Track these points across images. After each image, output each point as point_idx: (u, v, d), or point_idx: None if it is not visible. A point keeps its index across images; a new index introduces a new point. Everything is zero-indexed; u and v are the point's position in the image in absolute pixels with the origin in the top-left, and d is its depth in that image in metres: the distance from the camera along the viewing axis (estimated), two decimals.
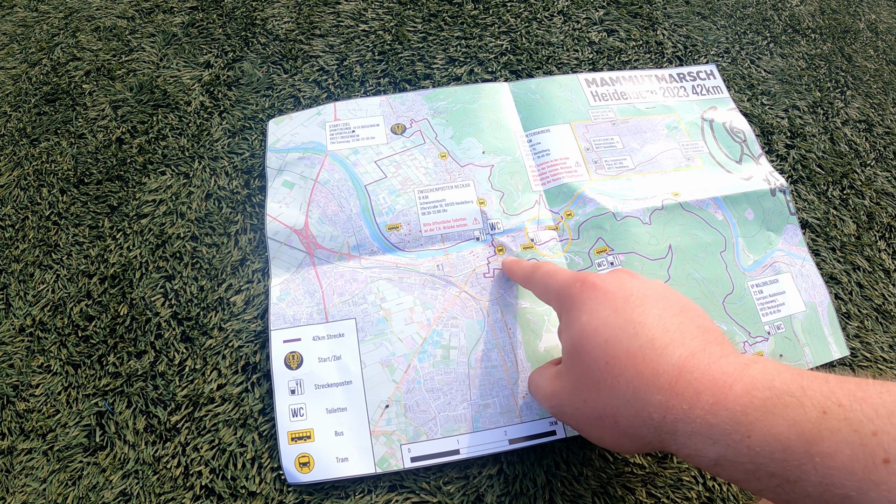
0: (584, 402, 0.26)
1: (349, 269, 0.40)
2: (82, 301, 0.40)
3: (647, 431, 0.24)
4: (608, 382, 0.25)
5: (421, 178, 0.43)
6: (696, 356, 0.24)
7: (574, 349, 0.27)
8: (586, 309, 0.27)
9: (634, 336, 0.25)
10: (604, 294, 0.27)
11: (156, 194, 0.44)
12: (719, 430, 0.22)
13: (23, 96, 0.50)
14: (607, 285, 0.27)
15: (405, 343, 0.38)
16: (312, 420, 0.36)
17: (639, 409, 0.24)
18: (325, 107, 0.47)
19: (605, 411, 0.25)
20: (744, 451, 0.21)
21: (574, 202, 0.43)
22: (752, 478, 0.21)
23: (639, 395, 0.24)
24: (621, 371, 0.24)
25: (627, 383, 0.24)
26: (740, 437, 0.21)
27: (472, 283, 0.40)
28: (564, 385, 0.28)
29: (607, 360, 0.25)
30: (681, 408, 0.23)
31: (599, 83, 0.49)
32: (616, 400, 0.25)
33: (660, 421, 0.23)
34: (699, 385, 0.23)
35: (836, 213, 0.46)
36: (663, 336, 0.25)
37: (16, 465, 0.35)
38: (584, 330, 0.26)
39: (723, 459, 0.22)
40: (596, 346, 0.25)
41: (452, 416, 0.36)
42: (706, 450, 0.22)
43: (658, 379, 0.24)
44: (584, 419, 0.27)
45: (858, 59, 0.55)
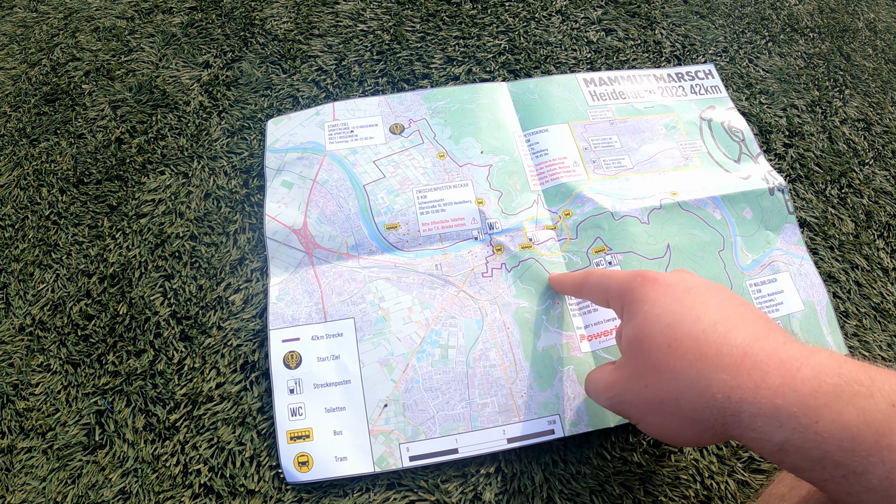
0: (645, 387, 0.26)
1: (348, 269, 0.40)
2: (82, 300, 0.40)
3: (710, 414, 0.24)
4: (671, 365, 0.25)
5: (419, 178, 0.44)
6: (761, 340, 0.24)
7: (636, 337, 0.27)
8: (648, 300, 0.27)
9: (696, 321, 0.25)
10: (665, 286, 0.27)
11: (155, 194, 0.44)
12: (786, 412, 0.21)
13: (22, 96, 0.50)
14: (668, 279, 0.28)
15: (404, 342, 0.38)
16: (311, 419, 0.36)
17: (702, 390, 0.24)
18: (324, 107, 0.47)
19: (668, 395, 0.25)
20: (811, 437, 0.21)
21: (572, 202, 0.43)
22: (818, 466, 0.21)
23: (702, 375, 0.24)
24: (684, 353, 0.24)
25: (691, 365, 0.24)
26: (808, 421, 0.21)
27: (470, 283, 0.40)
28: (624, 374, 0.28)
29: (670, 343, 0.25)
30: (746, 387, 0.22)
31: (598, 83, 0.49)
32: (679, 382, 0.24)
33: (724, 401, 0.23)
34: (765, 366, 0.23)
35: (834, 212, 0.46)
36: (726, 321, 0.25)
37: (15, 463, 0.35)
38: (645, 318, 0.26)
39: (788, 444, 0.21)
40: (658, 331, 0.26)
41: (451, 416, 0.36)
42: (772, 433, 0.22)
43: (722, 359, 0.23)
44: (645, 405, 0.26)
45: (857, 57, 0.55)
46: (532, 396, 0.36)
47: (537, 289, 0.40)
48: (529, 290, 0.40)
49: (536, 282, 0.40)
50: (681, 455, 0.36)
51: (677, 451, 0.36)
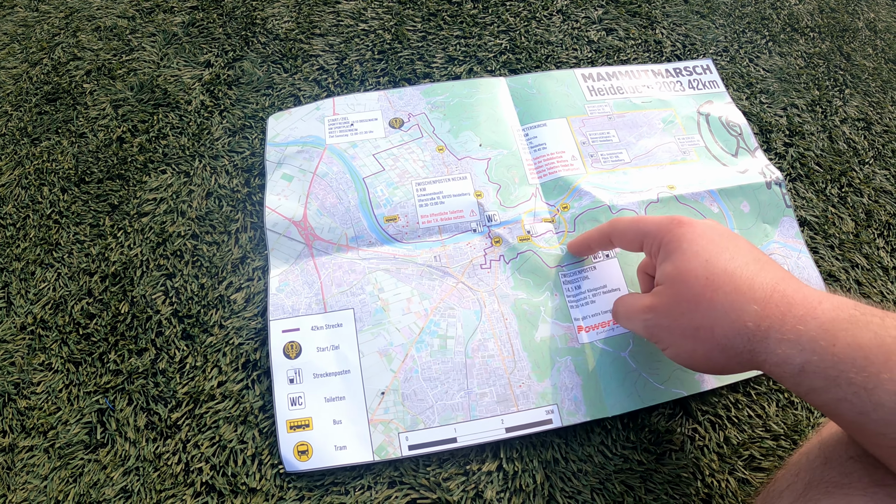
0: (681, 314, 0.29)
1: (347, 261, 0.40)
2: (83, 299, 0.40)
3: (740, 341, 0.26)
4: (707, 296, 0.27)
5: (418, 171, 0.44)
6: (787, 280, 0.27)
7: (676, 271, 0.29)
8: (686, 239, 0.30)
9: (732, 259, 0.28)
10: (701, 229, 0.30)
11: (156, 193, 0.44)
12: (808, 337, 0.24)
13: (24, 96, 0.50)
14: (703, 224, 0.31)
15: (403, 333, 0.38)
16: (311, 409, 0.36)
17: (735, 319, 0.26)
18: (324, 101, 0.47)
19: (703, 323, 0.28)
20: (828, 358, 0.24)
21: (570, 195, 0.43)
22: (833, 385, 0.23)
23: (736, 306, 0.27)
24: (721, 285, 0.27)
25: (726, 296, 0.27)
26: (826, 343, 0.24)
27: (468, 274, 0.40)
28: (662, 301, 0.30)
29: (708, 276, 0.28)
30: (774, 316, 0.26)
31: (596, 78, 0.50)
32: (715, 312, 0.27)
33: (754, 329, 0.26)
34: (791, 299, 0.26)
35: (834, 211, 0.46)
36: (755, 263, 0.28)
37: (17, 462, 0.35)
38: (685, 255, 0.29)
39: (808, 365, 0.24)
40: (697, 266, 0.28)
41: (449, 405, 0.36)
42: (794, 356, 0.25)
43: (754, 293, 0.27)
44: (680, 331, 0.29)
45: (857, 57, 0.55)
46: (530, 386, 0.37)
47: (535, 280, 0.40)
48: (527, 281, 0.40)
49: (534, 273, 0.40)
50: (682, 453, 0.36)
51: (678, 449, 0.36)
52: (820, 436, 0.31)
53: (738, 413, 0.37)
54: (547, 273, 0.40)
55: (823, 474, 0.27)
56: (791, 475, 0.31)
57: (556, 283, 0.40)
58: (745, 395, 0.38)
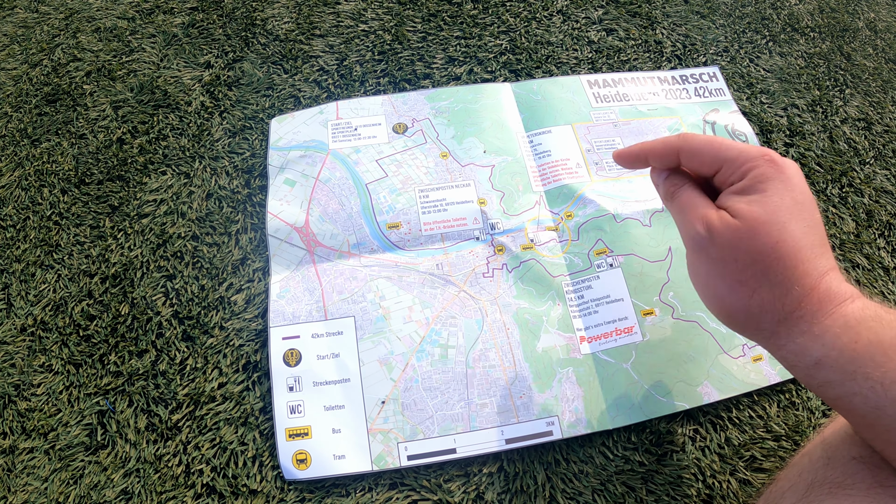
0: (734, 259, 0.28)
1: (349, 268, 0.40)
2: (83, 300, 0.40)
3: (770, 318, 0.27)
4: (769, 260, 0.27)
5: (422, 178, 0.44)
6: (834, 270, 0.27)
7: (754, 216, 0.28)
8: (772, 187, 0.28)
9: (805, 233, 0.27)
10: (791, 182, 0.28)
11: (157, 194, 0.44)
12: (832, 333, 0.25)
13: (24, 97, 0.50)
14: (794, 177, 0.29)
15: (403, 342, 0.38)
16: (310, 417, 0.36)
17: (778, 294, 0.26)
18: (328, 105, 0.47)
19: (749, 281, 0.27)
20: (848, 353, 0.24)
21: (574, 203, 0.43)
22: (849, 379, 0.24)
23: (787, 282, 0.26)
24: (784, 256, 0.27)
25: (785, 269, 0.26)
26: (849, 339, 0.24)
27: (471, 283, 0.40)
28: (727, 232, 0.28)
29: (778, 240, 0.27)
30: (809, 306, 0.26)
31: (601, 84, 0.49)
32: (765, 278, 0.27)
33: (788, 311, 0.26)
34: (830, 292, 0.26)
35: (835, 211, 0.46)
36: (821, 245, 0.27)
37: (17, 464, 0.35)
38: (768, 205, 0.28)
39: (825, 359, 0.25)
40: (774, 223, 0.27)
41: (449, 415, 0.36)
42: (812, 349, 0.25)
43: (807, 277, 0.26)
44: (722, 273, 0.28)
45: (857, 57, 0.55)
46: (531, 397, 0.36)
47: (538, 290, 0.40)
48: (530, 290, 0.40)
49: (537, 283, 0.40)
50: (683, 454, 0.36)
51: (679, 450, 0.36)
52: (822, 436, 0.30)
53: (739, 414, 0.37)
54: (550, 282, 0.40)
55: (826, 475, 0.27)
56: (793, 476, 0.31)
57: (559, 293, 0.40)
58: (746, 395, 0.38)
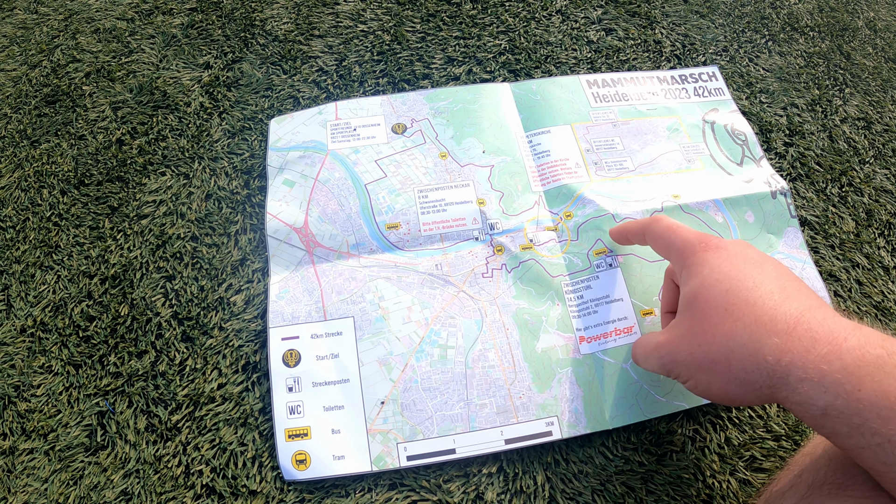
0: (698, 346, 0.27)
1: (348, 268, 0.40)
2: (83, 301, 0.40)
3: (759, 376, 0.25)
4: (726, 326, 0.26)
5: (421, 178, 0.44)
6: (813, 310, 0.25)
7: (694, 298, 0.28)
8: (708, 264, 0.28)
9: (754, 288, 0.26)
10: (726, 253, 0.28)
11: (156, 195, 0.44)
12: (831, 378, 0.23)
13: (23, 98, 0.50)
14: (729, 247, 0.29)
15: (403, 342, 0.38)
16: (309, 417, 0.36)
17: (753, 351, 0.25)
18: (327, 106, 0.47)
19: (719, 355, 0.26)
20: (853, 404, 0.22)
21: (573, 203, 0.43)
22: (856, 432, 0.22)
23: (755, 337, 0.25)
24: (740, 316, 0.26)
25: (745, 327, 0.25)
26: (851, 388, 0.22)
27: (470, 283, 0.40)
28: (678, 333, 0.29)
29: (727, 306, 0.26)
30: (796, 352, 0.24)
31: (601, 84, 0.49)
32: (732, 342, 0.26)
33: (774, 364, 0.24)
34: (815, 333, 0.24)
35: (834, 211, 0.46)
36: (781, 292, 0.26)
37: (17, 464, 0.35)
38: (704, 281, 0.28)
39: (831, 409, 0.23)
40: (717, 295, 0.27)
41: (449, 416, 0.36)
42: (816, 398, 0.23)
43: (776, 325, 0.25)
44: (696, 364, 0.27)
45: (857, 56, 0.55)
46: (530, 398, 0.36)
47: (537, 290, 0.40)
48: (529, 291, 0.40)
49: (537, 283, 0.40)
50: (682, 454, 0.36)
51: (679, 450, 0.36)
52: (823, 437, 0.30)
53: (738, 414, 0.37)
54: (549, 282, 0.40)
55: (827, 476, 0.27)
56: (793, 476, 0.31)
57: (559, 293, 0.40)
58: None
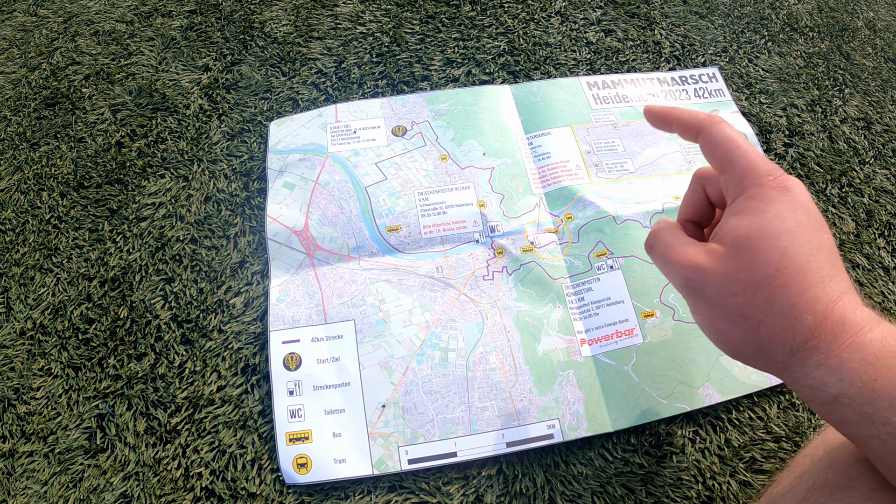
0: (733, 294, 0.26)
1: (348, 271, 0.40)
2: (83, 304, 0.40)
3: (782, 350, 0.25)
4: (771, 288, 0.25)
5: (421, 181, 0.44)
6: (848, 295, 0.25)
7: (749, 241, 0.26)
8: (773, 208, 0.26)
9: (810, 257, 0.25)
10: (794, 202, 0.26)
11: (155, 197, 0.44)
12: (849, 367, 0.23)
13: (22, 100, 0.50)
14: (799, 197, 0.27)
15: (404, 345, 0.38)
16: (310, 421, 0.36)
17: (787, 325, 0.24)
18: (327, 108, 0.47)
19: (753, 313, 0.25)
20: (867, 392, 0.22)
21: (574, 205, 0.43)
22: (867, 421, 0.22)
23: (795, 311, 0.24)
24: (788, 283, 0.24)
25: (789, 297, 0.24)
26: (868, 377, 0.22)
27: (471, 286, 0.40)
28: (719, 266, 0.26)
29: (779, 266, 0.25)
30: (824, 335, 0.24)
31: (601, 86, 0.49)
32: (770, 308, 0.25)
33: (801, 343, 0.24)
34: (845, 321, 0.24)
35: (834, 211, 0.46)
36: (830, 268, 0.25)
37: (17, 467, 0.35)
38: (765, 228, 0.26)
39: (843, 397, 0.23)
40: (773, 248, 0.25)
41: (450, 419, 0.36)
42: (830, 384, 0.23)
43: (817, 304, 0.24)
44: (724, 310, 0.26)
45: (856, 56, 0.55)
46: (531, 401, 0.36)
47: (538, 292, 0.40)
48: (530, 293, 0.40)
49: (537, 285, 0.40)
50: (682, 456, 0.36)
51: (679, 452, 0.36)
52: (825, 437, 0.30)
53: (738, 415, 0.37)
54: (550, 285, 0.40)
55: (827, 476, 0.27)
56: (794, 477, 0.31)
57: (560, 295, 0.40)
58: (746, 397, 0.38)
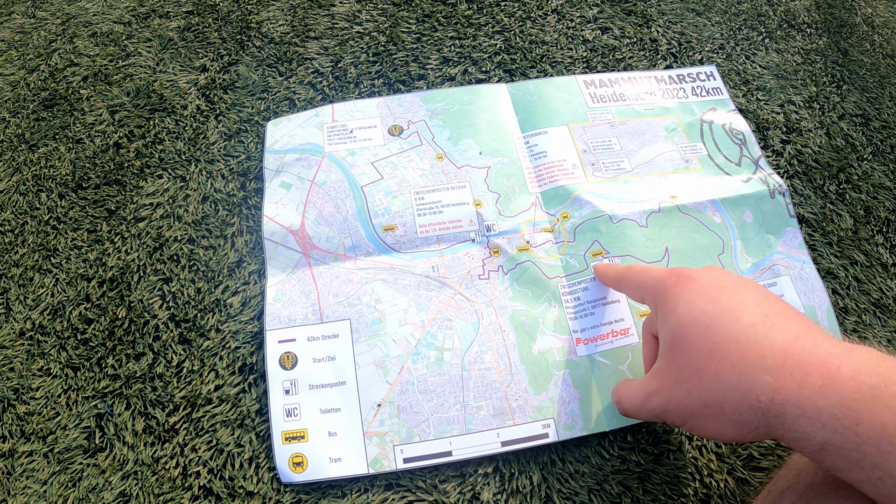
0: (687, 392, 0.26)
1: (344, 270, 0.40)
2: (81, 304, 0.41)
3: (754, 416, 0.24)
4: (712, 368, 0.25)
5: (417, 180, 0.44)
6: (801, 339, 0.24)
7: (674, 341, 0.27)
8: (682, 300, 0.27)
9: (735, 321, 0.25)
10: (699, 285, 0.27)
11: (153, 198, 0.45)
12: (828, 413, 0.22)
13: (21, 102, 0.50)
14: (702, 278, 0.27)
15: (399, 344, 0.38)
16: (306, 420, 0.36)
17: (745, 392, 0.24)
18: (323, 108, 0.47)
19: (710, 399, 0.25)
20: (851, 438, 0.21)
21: (570, 204, 0.43)
22: (856, 466, 0.22)
23: (745, 377, 0.24)
24: (725, 355, 0.24)
25: (732, 367, 0.24)
26: (849, 422, 0.21)
27: (466, 285, 0.40)
28: (665, 380, 0.27)
29: (710, 346, 0.25)
30: (790, 388, 0.23)
31: (598, 84, 0.49)
32: (721, 385, 0.24)
33: (767, 404, 0.23)
34: (807, 366, 0.23)
35: (832, 208, 0.45)
36: (765, 321, 0.25)
37: (17, 467, 0.36)
38: (682, 321, 0.26)
39: (829, 444, 0.22)
40: (697, 335, 0.25)
41: (445, 418, 0.36)
42: (814, 433, 0.22)
43: (764, 361, 0.24)
44: (688, 410, 0.26)
45: (854, 53, 0.55)
46: (527, 400, 0.36)
47: (534, 292, 0.40)
48: (526, 292, 0.40)
49: (533, 285, 0.40)
50: (679, 453, 0.36)
51: (676, 449, 0.36)
52: None
53: None
54: (546, 284, 0.40)
55: (826, 474, 0.27)
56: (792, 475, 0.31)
57: (555, 295, 0.40)
58: None
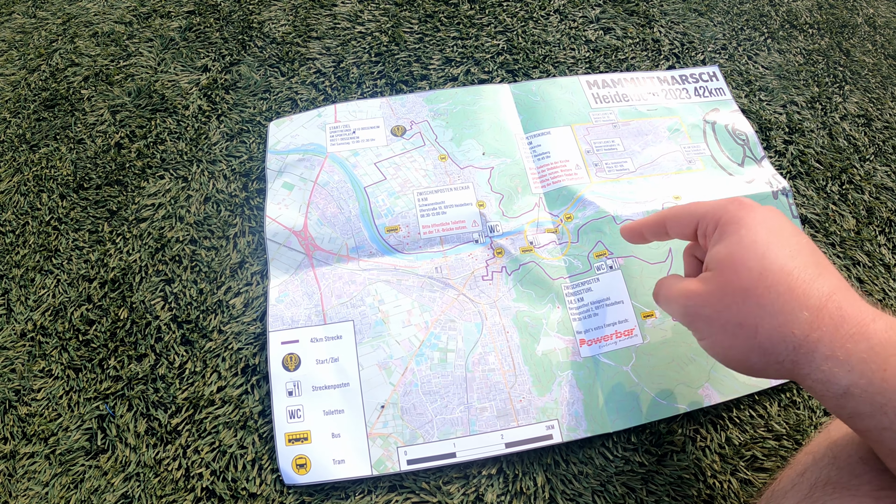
0: (726, 306, 0.26)
1: (347, 271, 0.40)
2: (83, 305, 0.40)
3: (784, 348, 0.25)
4: (758, 291, 0.25)
5: (420, 181, 0.44)
6: (843, 290, 0.25)
7: (729, 257, 0.27)
8: (745, 224, 0.27)
9: (790, 257, 0.26)
10: (763, 216, 0.27)
11: (155, 198, 0.44)
12: (857, 357, 0.23)
13: (22, 102, 0.50)
14: (766, 210, 0.28)
15: (403, 345, 0.38)
16: (309, 422, 0.36)
17: (783, 322, 0.24)
18: (326, 108, 0.47)
19: (747, 320, 0.26)
20: (877, 383, 0.22)
21: (574, 205, 0.43)
22: (879, 412, 0.22)
23: (786, 309, 0.24)
24: (774, 283, 0.25)
25: (778, 296, 0.25)
26: (877, 367, 0.22)
27: (470, 286, 0.40)
28: (708, 287, 0.28)
29: (762, 270, 0.25)
30: (825, 329, 0.24)
31: (601, 85, 0.49)
32: (762, 310, 0.25)
33: (801, 339, 0.24)
34: (845, 314, 0.24)
35: (835, 209, 0.45)
36: (815, 267, 0.26)
37: (18, 469, 0.36)
38: (741, 241, 0.27)
39: (854, 388, 0.23)
40: (752, 256, 0.26)
41: (449, 420, 0.36)
42: (840, 376, 0.23)
43: (808, 299, 0.24)
44: (721, 324, 0.27)
45: (856, 53, 0.55)
46: (531, 401, 0.36)
47: (537, 292, 0.40)
48: (529, 293, 0.40)
49: (537, 285, 0.40)
50: (683, 454, 0.36)
51: (680, 450, 0.36)
52: (828, 435, 0.30)
53: (739, 413, 0.37)
54: (549, 285, 0.40)
55: (830, 475, 0.27)
56: (796, 475, 0.31)
57: (559, 296, 0.40)
58: (746, 395, 0.38)
